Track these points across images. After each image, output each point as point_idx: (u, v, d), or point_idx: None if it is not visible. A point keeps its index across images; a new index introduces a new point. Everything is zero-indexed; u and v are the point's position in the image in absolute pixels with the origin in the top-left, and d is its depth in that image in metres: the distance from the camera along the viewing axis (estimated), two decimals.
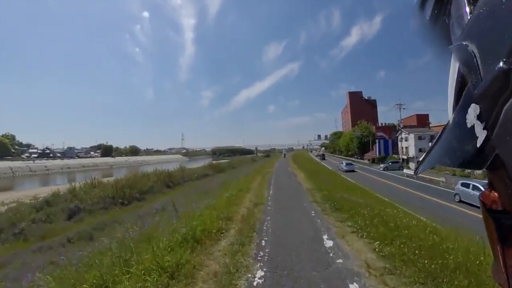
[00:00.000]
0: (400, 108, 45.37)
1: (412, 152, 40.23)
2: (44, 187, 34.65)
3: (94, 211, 17.95)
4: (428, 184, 25.09)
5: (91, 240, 11.04)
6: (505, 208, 0.29)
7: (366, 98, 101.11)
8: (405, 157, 41.05)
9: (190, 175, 28.77)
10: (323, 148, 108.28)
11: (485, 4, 0.30)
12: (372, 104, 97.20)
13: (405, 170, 30.37)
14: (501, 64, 0.25)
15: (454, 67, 0.36)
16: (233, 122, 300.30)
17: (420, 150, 35.71)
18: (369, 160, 50.22)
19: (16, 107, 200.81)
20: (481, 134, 0.27)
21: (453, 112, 0.36)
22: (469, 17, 0.34)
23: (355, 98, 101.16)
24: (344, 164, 37.95)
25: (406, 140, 41.52)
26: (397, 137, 47.41)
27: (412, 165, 36.92)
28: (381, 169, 36.67)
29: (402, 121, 45.68)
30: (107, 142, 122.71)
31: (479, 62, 0.29)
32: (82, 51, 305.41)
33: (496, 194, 0.31)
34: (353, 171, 34.81)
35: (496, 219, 0.30)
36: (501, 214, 0.30)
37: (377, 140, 50.37)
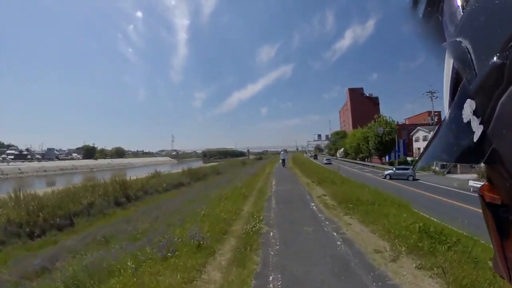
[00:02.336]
0: (432, 96, 35.59)
1: None
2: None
3: None
4: None
5: None
6: (503, 202, 0.29)
7: (367, 95, 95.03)
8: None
9: (159, 184, 22.37)
10: (315, 149, 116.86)
11: (478, 0, 0.30)
12: (374, 102, 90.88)
13: (471, 183, 20.32)
14: (494, 58, 0.25)
15: (448, 63, 0.36)
16: (225, 124, 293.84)
17: None
18: (390, 164, 38.18)
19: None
20: (477, 129, 0.27)
21: (449, 108, 0.35)
22: (461, 14, 0.33)
23: (356, 95, 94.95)
24: (325, 159, 54.58)
25: (425, 139, 35.23)
26: (412, 136, 41.32)
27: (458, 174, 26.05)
28: (383, 177, 26.73)
29: (435, 114, 36.73)
30: (93, 144, 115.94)
31: (473, 58, 0.29)
32: (74, 50, 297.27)
33: (494, 188, 0.30)
34: (330, 163, 46.81)
35: (494, 212, 0.30)
36: (500, 207, 0.30)
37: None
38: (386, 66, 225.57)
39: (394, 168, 27.65)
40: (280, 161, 31.62)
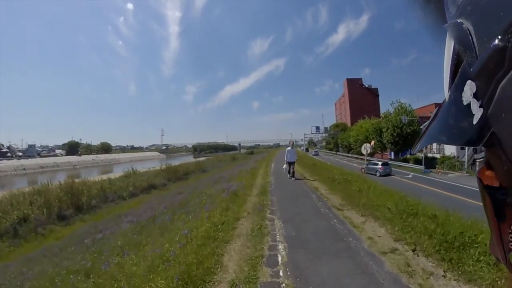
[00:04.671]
0: None
1: (451, 149, 29.17)
2: None
3: None
4: None
5: None
6: (501, 184, 0.30)
7: (366, 86, 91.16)
8: (434, 155, 30.76)
9: (125, 187, 18.45)
10: (308, 143, 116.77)
11: None
12: (373, 93, 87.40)
13: None
14: (496, 41, 0.25)
15: (449, 45, 0.36)
16: (217, 118, 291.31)
17: (462, 148, 22.91)
18: (404, 160, 33.26)
19: None
20: (477, 112, 0.27)
21: (449, 90, 0.35)
22: None
23: (354, 86, 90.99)
24: (313, 151, 65.70)
25: None
26: (422, 128, 37.90)
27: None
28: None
29: None
30: (80, 139, 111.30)
31: (474, 40, 0.29)
32: (63, 43, 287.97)
33: (492, 171, 0.31)
34: (317, 155, 56.50)
35: (492, 195, 0.31)
36: (497, 190, 0.30)
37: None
38: (379, 61, 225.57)
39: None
40: (284, 165, 12.89)
